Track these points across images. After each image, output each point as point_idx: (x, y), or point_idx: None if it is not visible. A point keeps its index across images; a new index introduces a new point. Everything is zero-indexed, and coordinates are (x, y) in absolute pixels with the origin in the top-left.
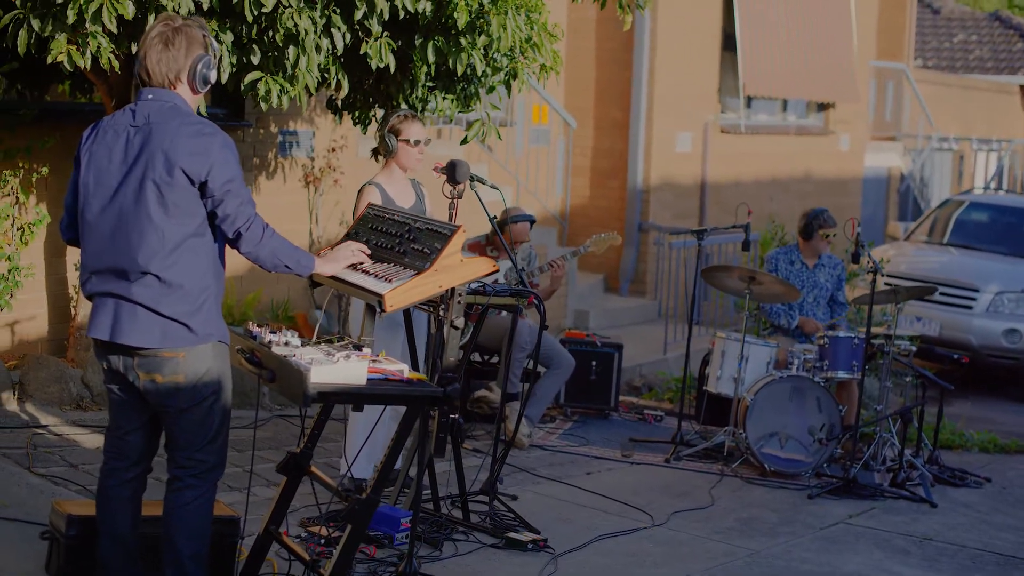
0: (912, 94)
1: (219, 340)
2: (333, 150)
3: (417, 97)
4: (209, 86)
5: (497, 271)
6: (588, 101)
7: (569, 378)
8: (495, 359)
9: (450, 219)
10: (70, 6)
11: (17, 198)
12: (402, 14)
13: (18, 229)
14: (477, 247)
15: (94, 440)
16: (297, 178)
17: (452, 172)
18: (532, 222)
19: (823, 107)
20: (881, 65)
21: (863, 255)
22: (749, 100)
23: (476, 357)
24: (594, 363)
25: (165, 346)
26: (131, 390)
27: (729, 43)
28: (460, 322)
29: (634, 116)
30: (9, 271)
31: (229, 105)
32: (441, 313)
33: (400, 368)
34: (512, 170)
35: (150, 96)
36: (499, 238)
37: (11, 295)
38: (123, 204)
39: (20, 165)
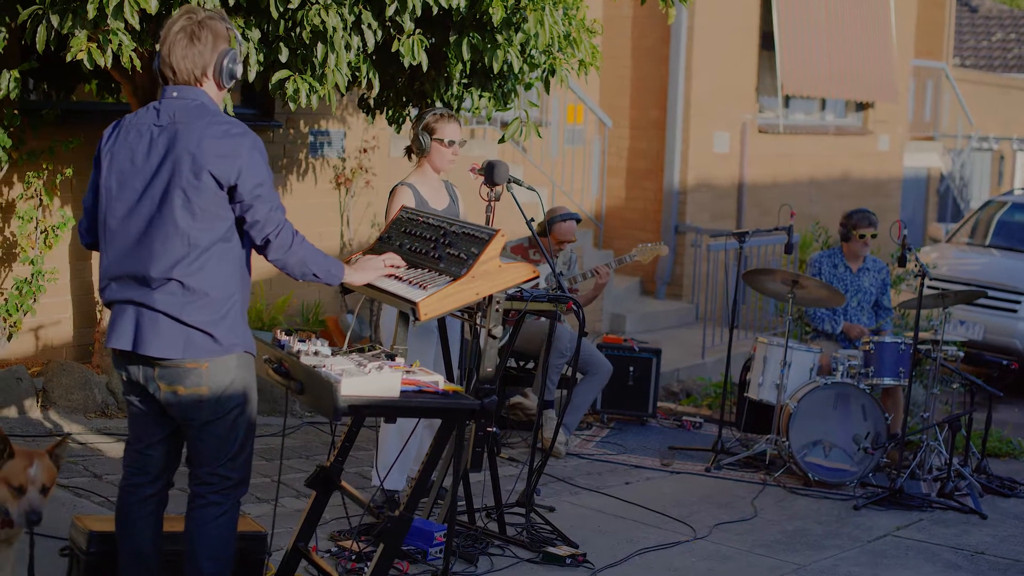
0: (951, 93)
1: (244, 350)
2: (365, 151)
3: (452, 95)
4: (235, 81)
5: (538, 276)
6: (624, 101)
7: (606, 384)
8: (531, 365)
9: (487, 222)
10: (90, 1)
11: (41, 200)
12: (435, 10)
13: (42, 232)
14: (520, 249)
15: (118, 449)
16: (328, 179)
17: (490, 173)
18: (577, 220)
19: (862, 107)
20: (920, 64)
21: (910, 259)
22: (787, 99)
23: (511, 363)
24: (632, 369)
25: (188, 356)
26: (152, 402)
27: (767, 42)
28: (498, 331)
29: (671, 116)
30: (33, 275)
31: (258, 105)
32: (478, 321)
33: (435, 379)
34: (547, 171)
35: (175, 94)
36: (539, 242)
37: (35, 299)
38: (148, 208)
39: (44, 167)
